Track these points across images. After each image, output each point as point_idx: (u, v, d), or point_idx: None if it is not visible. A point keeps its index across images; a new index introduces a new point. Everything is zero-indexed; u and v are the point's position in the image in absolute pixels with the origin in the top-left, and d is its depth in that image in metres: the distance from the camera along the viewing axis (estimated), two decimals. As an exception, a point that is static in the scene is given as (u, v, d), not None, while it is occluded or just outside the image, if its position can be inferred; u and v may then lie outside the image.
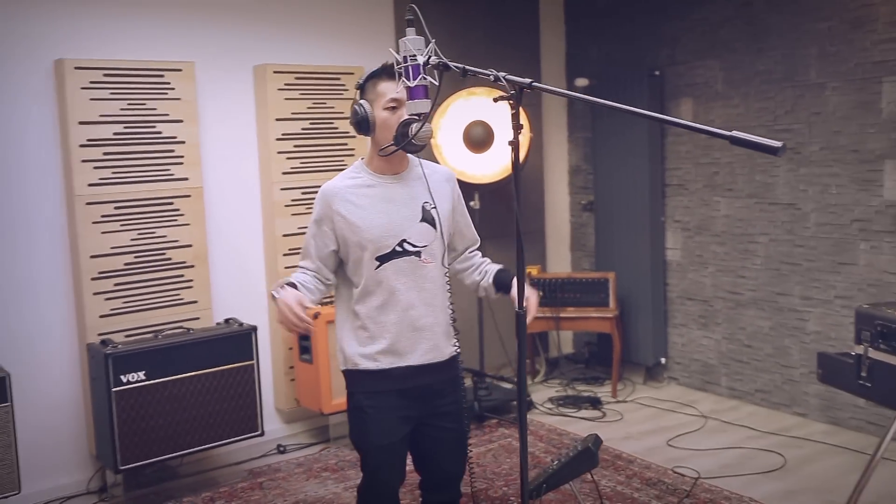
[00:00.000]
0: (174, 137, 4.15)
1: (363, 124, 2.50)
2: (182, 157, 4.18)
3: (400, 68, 2.32)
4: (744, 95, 4.77)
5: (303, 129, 4.57)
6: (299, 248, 4.48)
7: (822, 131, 4.38)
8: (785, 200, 4.61)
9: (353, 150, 4.74)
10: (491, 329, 5.34)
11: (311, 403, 4.40)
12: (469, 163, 4.78)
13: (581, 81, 5.79)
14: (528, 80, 1.97)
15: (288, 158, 4.53)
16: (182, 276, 4.19)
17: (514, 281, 2.50)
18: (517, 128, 2.03)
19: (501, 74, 2.03)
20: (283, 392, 4.57)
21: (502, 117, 4.83)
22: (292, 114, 4.53)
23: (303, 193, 4.56)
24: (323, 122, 4.64)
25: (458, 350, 2.62)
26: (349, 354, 2.55)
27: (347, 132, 4.72)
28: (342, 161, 4.69)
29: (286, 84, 4.51)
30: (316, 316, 4.27)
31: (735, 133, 1.50)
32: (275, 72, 4.46)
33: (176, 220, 4.16)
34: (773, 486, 3.71)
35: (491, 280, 2.68)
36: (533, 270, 5.35)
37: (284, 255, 4.51)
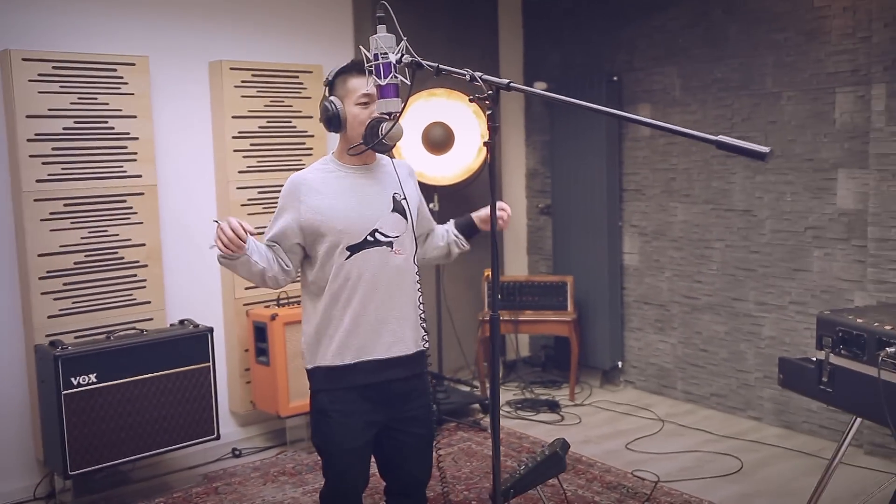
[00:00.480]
0: (127, 133, 4.06)
1: (334, 121, 2.47)
2: (135, 153, 4.09)
3: (370, 66, 2.29)
4: (701, 102, 4.82)
5: (260, 127, 4.51)
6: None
7: (778, 140, 4.44)
8: (741, 207, 4.67)
9: (311, 149, 4.68)
10: (449, 331, 5.32)
11: (268, 406, 4.33)
12: (428, 164, 4.76)
13: (539, 85, 5.81)
14: (505, 81, 1.96)
15: (244, 157, 4.46)
16: (135, 275, 4.10)
17: (478, 212, 2.67)
18: (493, 129, 2.02)
19: (478, 74, 2.02)
20: (239, 395, 4.49)
21: (462, 119, 4.82)
22: (249, 111, 4.46)
23: (259, 193, 4.49)
24: (280, 120, 4.57)
25: (427, 347, 2.59)
26: (313, 351, 2.51)
27: (306, 131, 4.66)
28: (300, 160, 4.63)
29: (243, 81, 4.44)
30: (273, 317, 4.20)
31: (721, 138, 1.51)
32: (231, 68, 4.39)
33: (129, 218, 4.07)
34: (730, 489, 3.75)
35: (454, 229, 2.73)
36: (490, 273, 5.33)
37: (240, 255, 4.42)
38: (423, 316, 2.58)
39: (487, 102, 2.00)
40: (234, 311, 4.44)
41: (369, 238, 2.46)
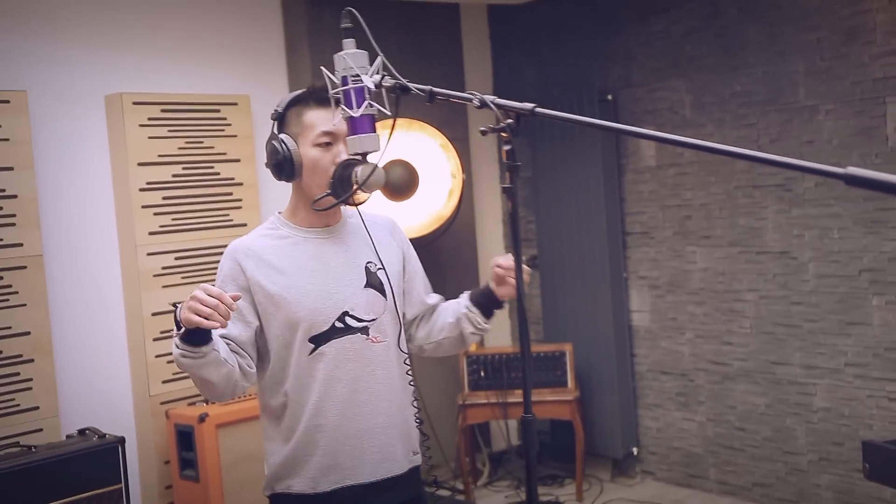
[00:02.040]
0: (1, 190, 3.85)
1: (286, 166, 2.27)
2: (13, 215, 3.90)
3: (337, 93, 2.11)
4: (718, 122, 4.75)
5: (174, 175, 4.34)
6: (172, 332, 4.19)
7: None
8: (776, 249, 4.57)
9: (239, 200, 4.49)
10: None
11: (197, 535, 4.05)
12: (389, 214, 4.58)
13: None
14: (529, 106, 1.77)
15: (156, 214, 4.27)
16: (17, 374, 3.87)
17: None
18: (514, 170, 1.83)
19: (489, 98, 1.83)
20: (158, 522, 4.21)
21: (426, 155, 4.69)
22: (159, 156, 4.30)
23: (176, 259, 4.29)
24: (200, 165, 4.41)
25: (420, 461, 2.43)
26: (275, 473, 2.32)
27: (232, 178, 4.48)
28: (226, 215, 4.43)
29: (150, 119, 4.28)
30: (202, 418, 3.94)
31: (852, 170, 1.33)
32: (134, 103, 4.24)
33: (7, 299, 3.87)
34: None
35: (469, 303, 2.45)
36: (471, 345, 5.14)
37: (155, 339, 4.20)
38: (418, 416, 2.40)
39: (504, 135, 1.81)
40: (150, 413, 4.19)
41: (338, 324, 2.27)
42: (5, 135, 3.86)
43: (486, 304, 2.44)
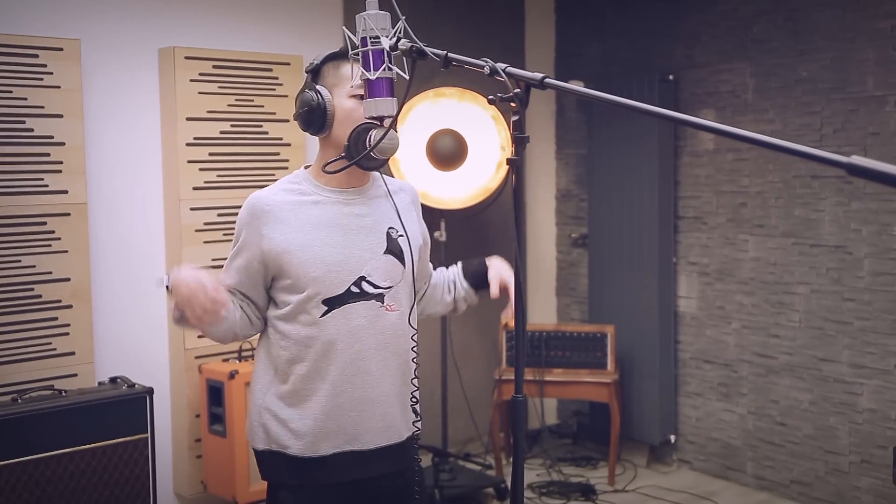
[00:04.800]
0: (49, 137, 3.87)
1: (316, 116, 2.24)
2: (60, 162, 3.89)
3: (356, 53, 2.05)
4: (781, 108, 4.59)
5: (222, 132, 4.31)
6: (212, 286, 4.20)
7: (882, 155, 4.21)
8: (832, 242, 4.41)
9: (286, 161, 4.46)
10: (456, 392, 5.05)
11: (223, 489, 4.10)
12: (434, 183, 4.55)
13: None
14: (538, 76, 1.69)
15: (201, 170, 4.25)
16: (55, 318, 3.89)
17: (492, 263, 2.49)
18: (520, 141, 1.75)
19: (500, 66, 1.76)
20: (186, 473, 4.26)
21: (477, 126, 4.61)
22: (208, 112, 4.27)
23: (219, 215, 4.28)
24: (248, 124, 4.38)
25: (419, 430, 2.40)
26: (273, 431, 2.28)
27: (280, 138, 4.44)
28: (272, 175, 4.41)
29: (201, 74, 4.24)
30: (232, 375, 3.95)
31: (855, 159, 1.23)
32: (186, 57, 4.21)
33: (49, 245, 3.87)
34: None
35: (463, 280, 2.52)
36: (511, 321, 5.06)
37: (192, 294, 4.18)
38: (416, 395, 2.36)
39: (513, 105, 1.73)
40: (184, 366, 4.20)
41: (353, 289, 2.23)
42: (56, 82, 3.86)
43: (481, 284, 2.50)
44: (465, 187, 4.61)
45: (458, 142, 4.56)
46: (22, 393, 3.65)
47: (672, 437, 5.12)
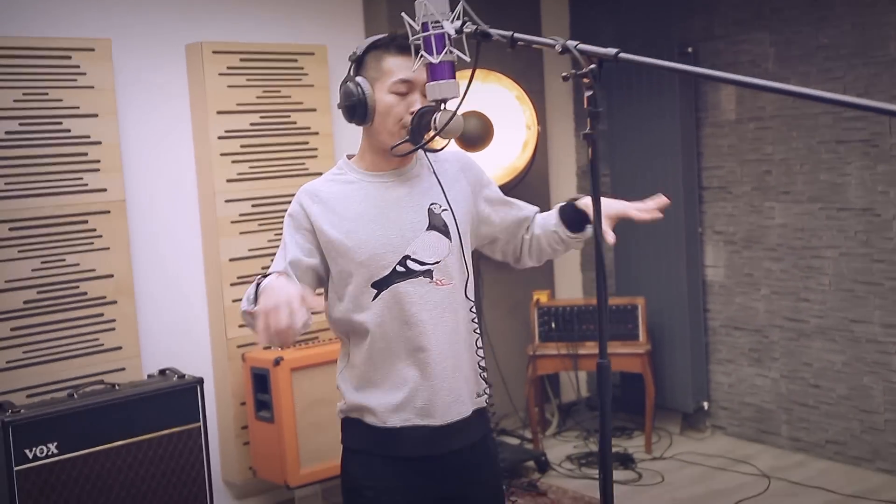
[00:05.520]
0: (86, 137, 3.93)
1: (358, 109, 2.25)
2: (97, 161, 3.95)
3: (417, 39, 2.09)
4: (803, 76, 4.62)
5: (251, 124, 4.36)
6: (249, 277, 4.26)
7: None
8: (859, 205, 4.46)
9: (315, 149, 4.51)
10: (491, 370, 5.09)
11: (272, 474, 4.15)
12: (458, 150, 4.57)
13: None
14: (613, 51, 1.74)
15: (234, 162, 4.29)
16: (101, 314, 3.96)
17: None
18: (595, 116, 1.80)
19: (572, 44, 1.80)
20: (235, 460, 4.31)
21: (502, 107, 4.64)
22: (238, 105, 4.32)
23: (253, 206, 4.32)
24: (277, 115, 4.42)
25: (489, 403, 2.41)
26: (349, 400, 2.34)
27: (308, 128, 4.49)
28: (303, 165, 4.46)
29: (229, 68, 4.29)
30: (277, 362, 4.00)
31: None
32: (214, 52, 4.25)
33: (92, 242, 3.94)
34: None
35: (557, 218, 2.43)
36: (541, 297, 5.13)
37: (232, 284, 4.26)
38: (482, 364, 2.38)
39: (586, 81, 1.78)
40: (227, 356, 4.26)
41: (399, 268, 2.25)
42: (90, 82, 3.91)
43: (576, 221, 2.43)
44: (491, 168, 4.62)
45: (483, 123, 4.59)
46: (76, 389, 3.70)
47: (705, 404, 5.18)
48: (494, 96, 4.62)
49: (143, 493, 3.66)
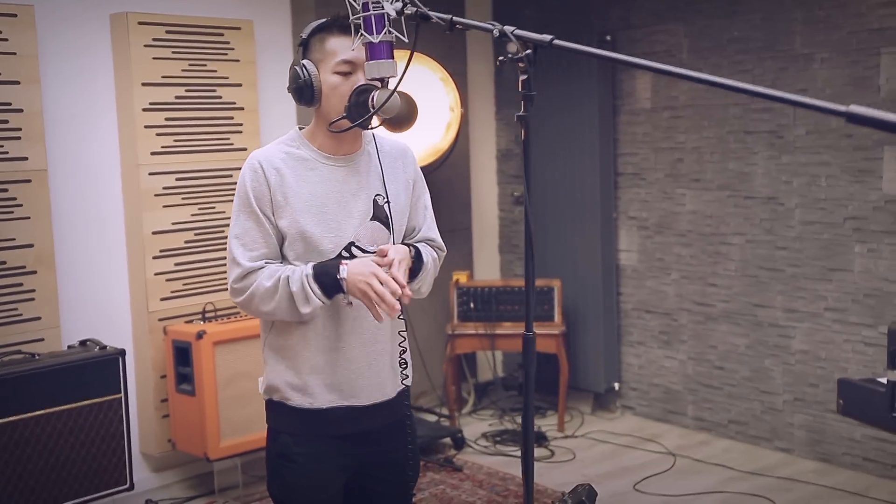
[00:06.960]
0: (7, 104, 3.90)
1: (305, 91, 2.34)
2: (19, 129, 3.92)
3: (357, 19, 2.19)
4: (714, 67, 4.81)
5: (177, 97, 4.37)
6: (172, 250, 4.30)
7: (810, 112, 4.45)
8: (764, 194, 4.68)
9: (240, 124, 4.54)
10: (411, 347, 5.19)
11: (192, 447, 4.20)
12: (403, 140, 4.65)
13: (512, 47, 5.72)
14: (548, 37, 1.86)
15: (158, 135, 4.31)
16: (20, 284, 3.93)
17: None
18: (528, 99, 1.93)
19: (509, 29, 1.93)
20: (153, 432, 4.34)
21: (425, 87, 4.72)
22: (163, 78, 4.33)
23: (178, 179, 4.34)
24: (203, 88, 4.44)
25: (408, 385, 2.56)
26: (276, 383, 2.42)
27: (233, 102, 4.52)
28: (227, 140, 4.49)
29: (154, 39, 4.30)
30: (200, 335, 4.05)
31: (854, 108, 1.42)
32: (139, 23, 4.25)
33: (12, 211, 3.91)
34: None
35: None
36: (461, 277, 5.26)
37: (154, 257, 4.28)
38: (404, 345, 2.50)
39: (521, 65, 1.90)
40: (148, 328, 4.28)
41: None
42: (12, 48, 3.87)
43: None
44: (415, 148, 4.68)
45: (409, 104, 4.68)
46: (-6, 357, 3.70)
47: (616, 385, 5.38)
48: (419, 77, 4.71)
49: (63, 463, 3.68)
